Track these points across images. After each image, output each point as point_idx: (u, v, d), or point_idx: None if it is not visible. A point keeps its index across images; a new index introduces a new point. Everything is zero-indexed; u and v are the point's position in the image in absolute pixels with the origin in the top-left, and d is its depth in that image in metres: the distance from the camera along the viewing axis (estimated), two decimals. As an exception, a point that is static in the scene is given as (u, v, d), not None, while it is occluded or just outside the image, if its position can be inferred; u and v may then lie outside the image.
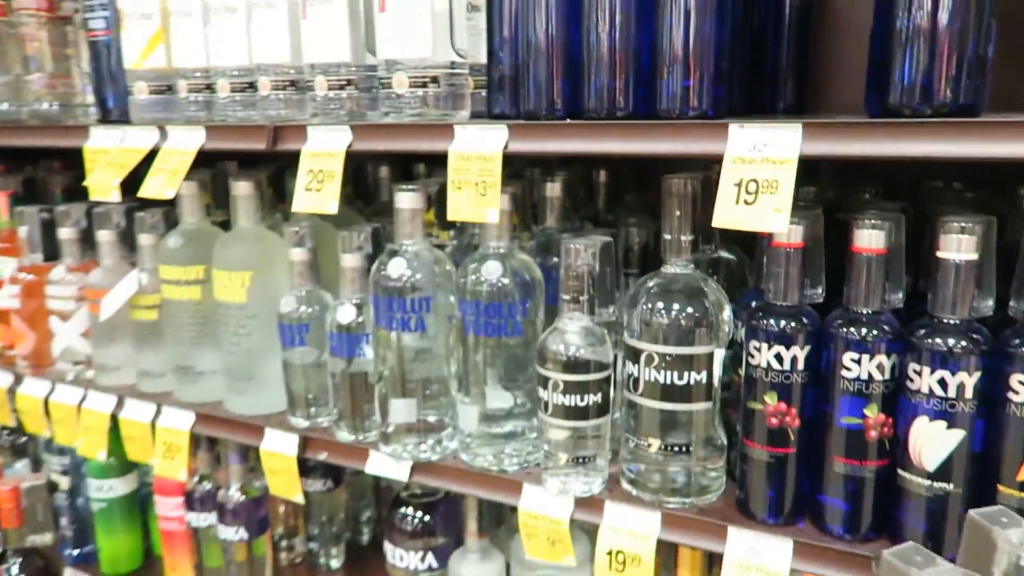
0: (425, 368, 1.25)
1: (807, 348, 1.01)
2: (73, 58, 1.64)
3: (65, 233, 1.67)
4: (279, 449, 1.40)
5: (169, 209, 1.55)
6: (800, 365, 1.01)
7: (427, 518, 1.42)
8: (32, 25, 1.67)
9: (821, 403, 1.02)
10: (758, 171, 0.91)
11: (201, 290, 1.49)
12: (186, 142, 1.34)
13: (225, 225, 1.54)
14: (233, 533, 1.57)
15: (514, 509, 1.21)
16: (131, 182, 1.40)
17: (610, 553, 1.13)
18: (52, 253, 1.73)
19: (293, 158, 1.24)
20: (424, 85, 1.14)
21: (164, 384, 1.61)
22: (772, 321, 1.02)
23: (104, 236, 1.63)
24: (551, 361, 1.12)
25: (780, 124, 0.91)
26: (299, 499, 1.43)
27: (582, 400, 1.11)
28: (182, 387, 1.56)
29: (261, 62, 1.28)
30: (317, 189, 1.21)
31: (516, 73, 1.12)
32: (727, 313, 1.09)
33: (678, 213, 1.09)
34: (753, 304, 1.08)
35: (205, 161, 1.46)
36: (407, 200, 1.22)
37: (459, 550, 1.44)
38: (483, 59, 1.19)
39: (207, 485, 1.62)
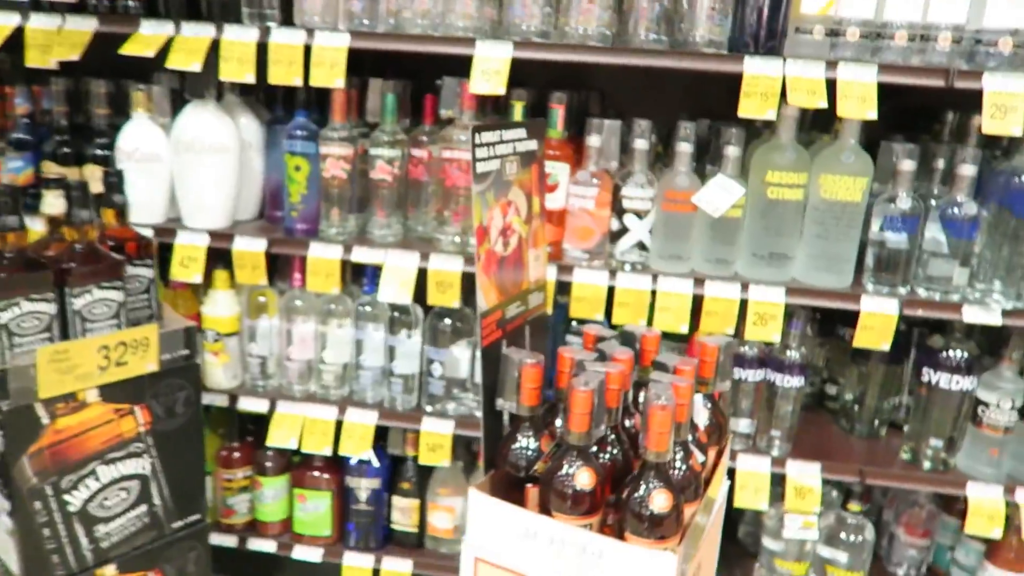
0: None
1: None
2: None
3: (639, 144, 1.96)
4: (881, 309, 1.91)
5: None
6: None
7: None
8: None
9: None
10: None
11: (803, 192, 1.92)
12: (864, 75, 1.76)
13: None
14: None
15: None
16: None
17: None
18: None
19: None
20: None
21: (735, 268, 2.00)
22: None
23: (683, 147, 1.95)
24: None
25: None
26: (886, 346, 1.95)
27: None
28: (765, 270, 1.97)
29: (938, 21, 1.74)
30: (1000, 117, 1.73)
31: None
32: None
33: None
34: None
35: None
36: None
37: None
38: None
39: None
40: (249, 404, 2.25)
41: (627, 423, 1.56)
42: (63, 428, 1.69)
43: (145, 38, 2.01)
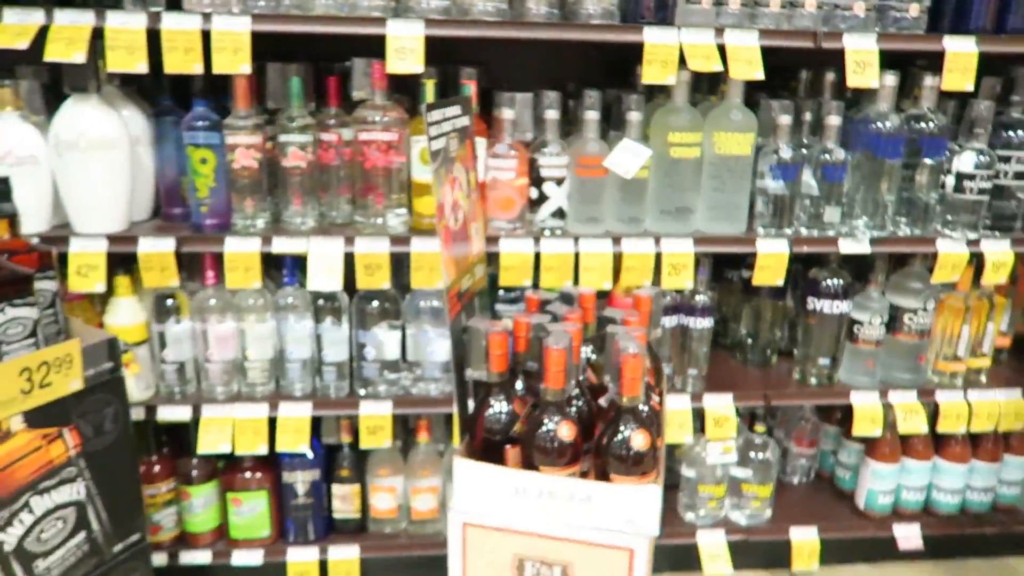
0: (884, 182, 2.14)
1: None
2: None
3: (551, 114, 2.04)
4: (774, 250, 2.14)
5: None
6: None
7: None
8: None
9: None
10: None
11: (699, 150, 2.10)
12: (748, 40, 1.95)
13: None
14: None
15: None
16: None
17: None
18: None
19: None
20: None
21: (645, 225, 2.16)
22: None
23: (590, 115, 2.07)
24: None
25: None
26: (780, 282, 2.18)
27: None
28: (672, 224, 2.14)
29: (807, -12, 1.96)
30: (858, 72, 1.98)
31: None
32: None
33: None
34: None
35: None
36: None
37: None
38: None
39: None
40: (169, 413, 2.14)
41: (580, 377, 1.67)
42: (-11, 463, 1.55)
43: (12, 28, 1.82)
